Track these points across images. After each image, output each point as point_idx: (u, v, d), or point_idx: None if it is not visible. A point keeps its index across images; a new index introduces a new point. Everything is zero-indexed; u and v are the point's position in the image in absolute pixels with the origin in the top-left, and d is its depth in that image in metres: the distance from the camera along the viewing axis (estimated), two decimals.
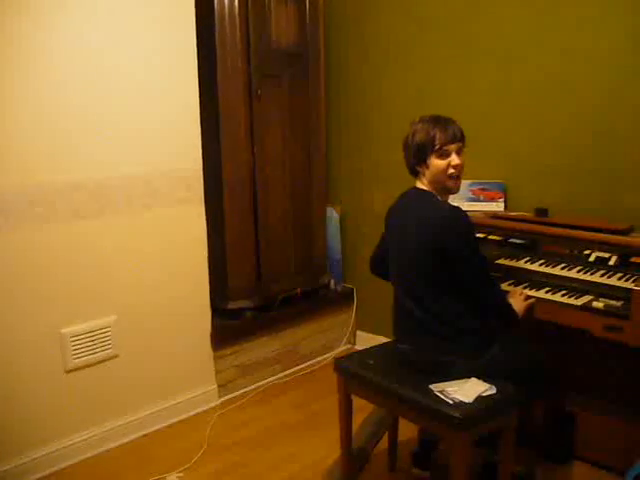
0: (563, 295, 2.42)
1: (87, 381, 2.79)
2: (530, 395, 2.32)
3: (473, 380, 2.16)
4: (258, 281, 3.45)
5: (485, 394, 2.09)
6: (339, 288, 3.95)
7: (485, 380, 2.16)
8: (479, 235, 2.75)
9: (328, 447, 2.80)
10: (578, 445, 2.66)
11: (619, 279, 2.36)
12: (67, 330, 2.69)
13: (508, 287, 2.55)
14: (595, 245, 2.51)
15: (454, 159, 2.27)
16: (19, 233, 2.52)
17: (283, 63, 3.42)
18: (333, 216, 3.90)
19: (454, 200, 2.83)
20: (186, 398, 3.17)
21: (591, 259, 2.49)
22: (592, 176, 2.83)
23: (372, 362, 2.41)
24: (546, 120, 2.97)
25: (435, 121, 2.28)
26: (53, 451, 2.72)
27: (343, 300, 3.96)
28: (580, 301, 2.36)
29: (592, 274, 2.44)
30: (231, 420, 3.15)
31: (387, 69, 3.61)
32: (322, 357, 3.83)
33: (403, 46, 3.51)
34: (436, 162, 2.27)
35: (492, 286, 2.35)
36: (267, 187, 3.42)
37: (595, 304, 2.31)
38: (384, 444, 2.77)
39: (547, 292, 2.47)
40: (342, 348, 3.94)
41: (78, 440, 2.80)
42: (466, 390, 2.10)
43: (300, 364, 3.71)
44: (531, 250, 2.68)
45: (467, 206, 3.02)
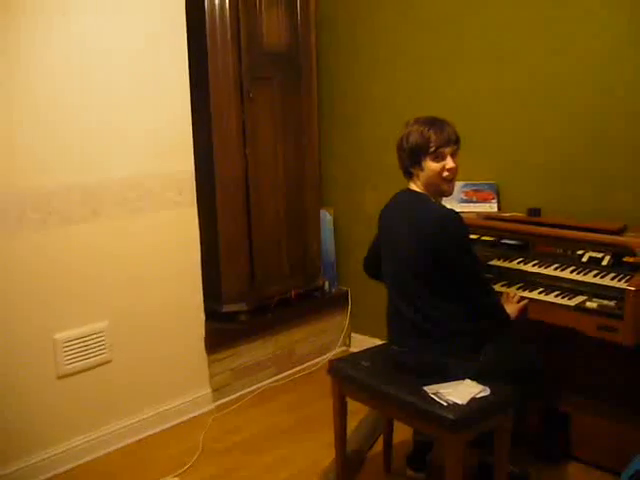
0: (556, 296, 2.43)
1: (81, 386, 2.78)
2: (525, 396, 2.32)
3: (467, 382, 2.16)
4: (252, 284, 3.44)
5: (479, 396, 2.09)
6: (333, 290, 3.94)
7: (479, 382, 2.16)
8: (472, 236, 2.74)
9: (323, 450, 2.79)
10: (573, 445, 2.67)
11: (612, 279, 2.35)
12: (60, 335, 2.68)
13: (501, 288, 2.55)
14: (588, 245, 2.51)
15: (449, 162, 2.26)
16: (11, 238, 2.51)
17: (275, 65, 3.41)
18: (326, 218, 3.89)
19: (447, 202, 2.83)
20: (180, 402, 3.16)
21: (584, 259, 2.49)
22: (585, 176, 2.83)
23: (366, 364, 2.40)
24: (538, 121, 2.97)
25: (430, 123, 2.27)
26: (47, 457, 2.70)
27: (338, 302, 3.95)
28: (573, 301, 2.36)
29: (585, 274, 2.44)
30: (226, 424, 3.14)
31: (379, 71, 3.61)
32: (317, 360, 3.81)
33: (395, 47, 3.50)
34: (431, 165, 2.26)
35: (485, 288, 2.35)
36: (260, 189, 3.41)
37: (589, 304, 2.32)
38: (379, 446, 2.77)
39: (540, 293, 2.47)
40: (337, 350, 3.93)
41: (73, 445, 2.78)
42: (460, 392, 2.10)
43: (295, 367, 3.69)
44: (524, 251, 2.68)
45: (460, 208, 3.01)
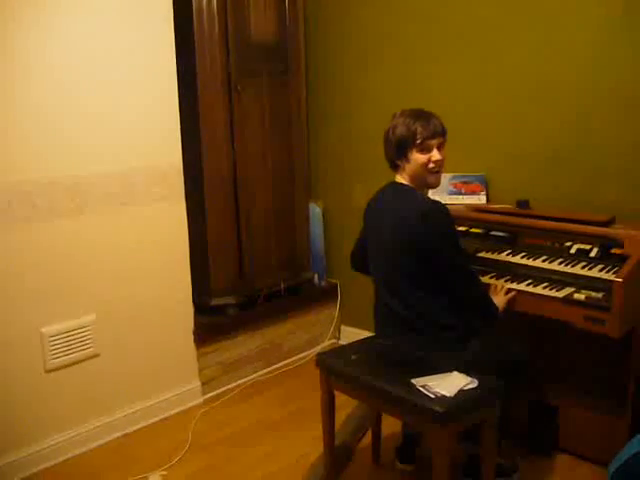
0: (545, 287, 2.43)
1: (68, 380, 2.76)
2: (512, 388, 2.32)
3: (455, 374, 2.15)
4: (241, 277, 3.42)
5: (467, 388, 2.09)
6: (323, 283, 3.94)
7: (467, 374, 2.15)
8: (461, 228, 2.75)
9: (312, 443, 2.79)
10: (561, 437, 2.67)
11: (600, 271, 2.36)
12: (47, 329, 2.66)
13: (490, 280, 2.55)
14: (576, 237, 2.51)
15: (435, 154, 2.26)
16: None
17: (263, 58, 3.38)
18: (315, 211, 3.88)
19: (436, 194, 2.83)
20: (169, 396, 3.15)
21: (572, 251, 2.49)
22: (573, 168, 2.83)
23: (354, 357, 2.39)
24: (526, 112, 2.96)
25: (417, 115, 2.27)
26: (35, 451, 2.69)
27: (327, 295, 3.94)
28: (562, 293, 2.36)
29: (573, 266, 2.45)
30: (214, 418, 3.13)
31: (367, 63, 3.59)
32: (307, 353, 3.80)
33: (383, 41, 3.48)
34: (417, 156, 2.26)
35: (472, 280, 2.34)
36: (248, 183, 3.39)
37: (577, 296, 2.32)
38: (368, 439, 2.77)
39: (529, 285, 2.47)
40: (327, 343, 3.92)
41: (60, 440, 2.76)
42: (448, 384, 2.09)
43: (284, 360, 3.69)
44: (512, 243, 2.68)
45: (449, 200, 3.00)
